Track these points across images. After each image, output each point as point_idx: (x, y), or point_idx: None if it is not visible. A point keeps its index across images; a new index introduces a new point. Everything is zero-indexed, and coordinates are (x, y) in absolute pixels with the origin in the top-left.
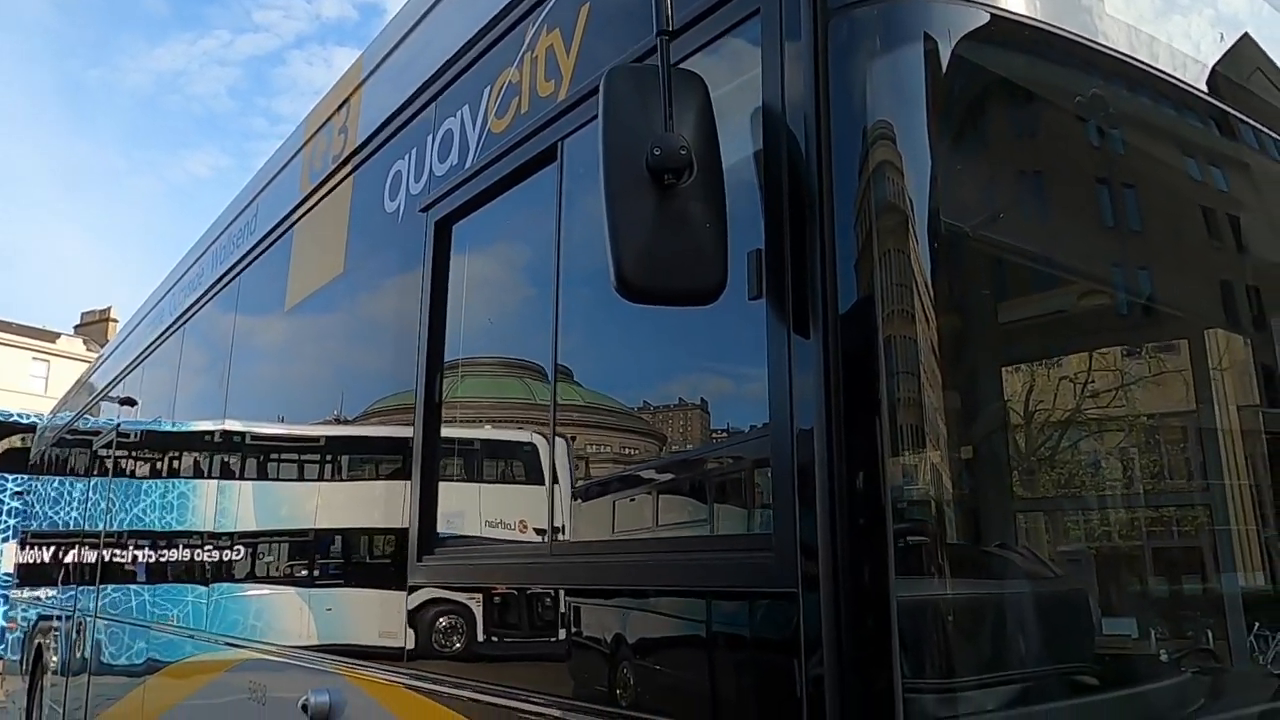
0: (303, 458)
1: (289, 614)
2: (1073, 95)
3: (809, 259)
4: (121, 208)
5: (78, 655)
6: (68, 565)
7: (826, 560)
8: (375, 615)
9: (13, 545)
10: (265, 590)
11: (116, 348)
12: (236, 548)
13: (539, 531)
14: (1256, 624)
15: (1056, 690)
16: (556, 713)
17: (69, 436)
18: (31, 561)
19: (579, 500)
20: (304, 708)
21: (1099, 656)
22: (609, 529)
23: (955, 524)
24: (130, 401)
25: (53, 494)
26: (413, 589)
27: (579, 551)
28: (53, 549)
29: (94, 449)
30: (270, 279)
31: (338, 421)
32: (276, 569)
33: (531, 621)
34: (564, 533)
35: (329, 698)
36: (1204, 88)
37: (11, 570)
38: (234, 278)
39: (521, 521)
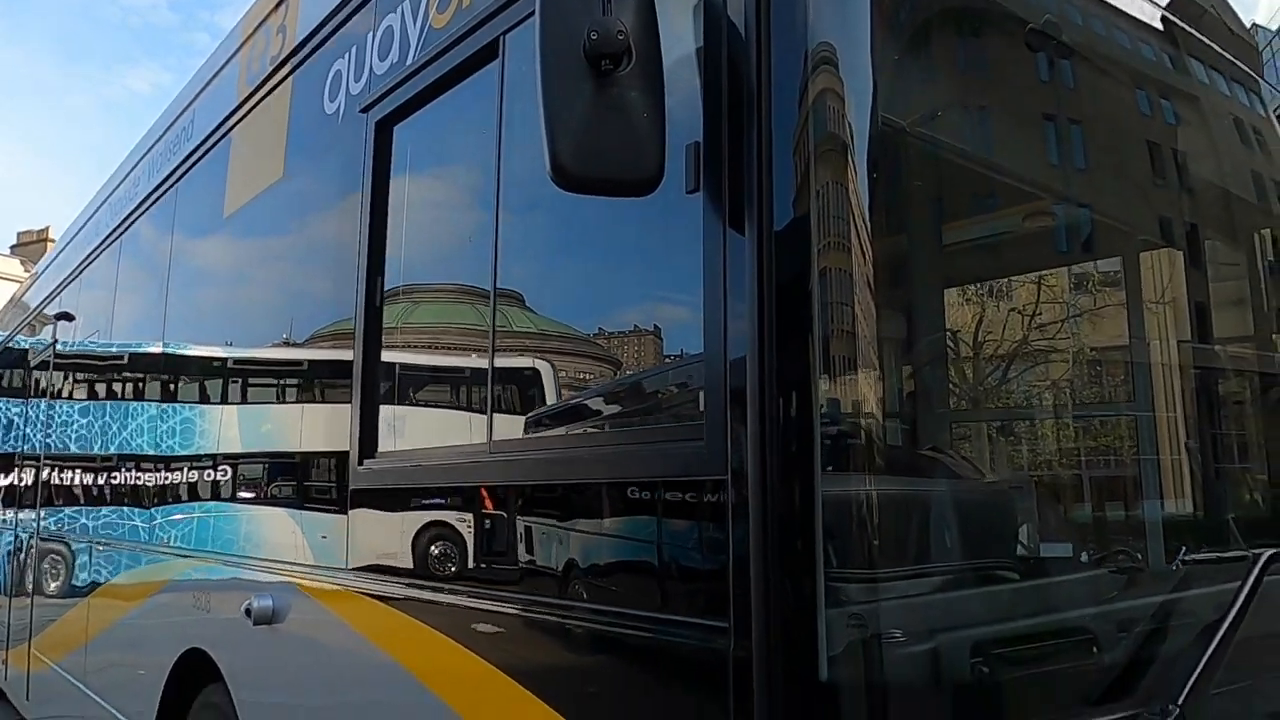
0: (244, 368)
1: (231, 526)
2: (1027, 13)
3: (745, 154)
4: (58, 125)
5: (20, 574)
6: (6, 486)
7: (755, 451)
8: (316, 520)
9: None
10: (207, 504)
11: (51, 263)
12: (179, 464)
13: (479, 434)
14: (1184, 549)
15: (976, 581)
16: (500, 606)
17: (3, 355)
18: None
19: (521, 404)
20: (247, 612)
21: (1021, 557)
22: (548, 427)
23: (883, 420)
24: (67, 317)
25: None
26: (355, 493)
27: (519, 449)
28: None
29: (30, 368)
30: (208, 187)
31: (279, 329)
32: (218, 482)
33: (473, 518)
34: (504, 433)
35: (272, 601)
36: (1158, 11)
37: None
38: (171, 186)
39: (461, 428)
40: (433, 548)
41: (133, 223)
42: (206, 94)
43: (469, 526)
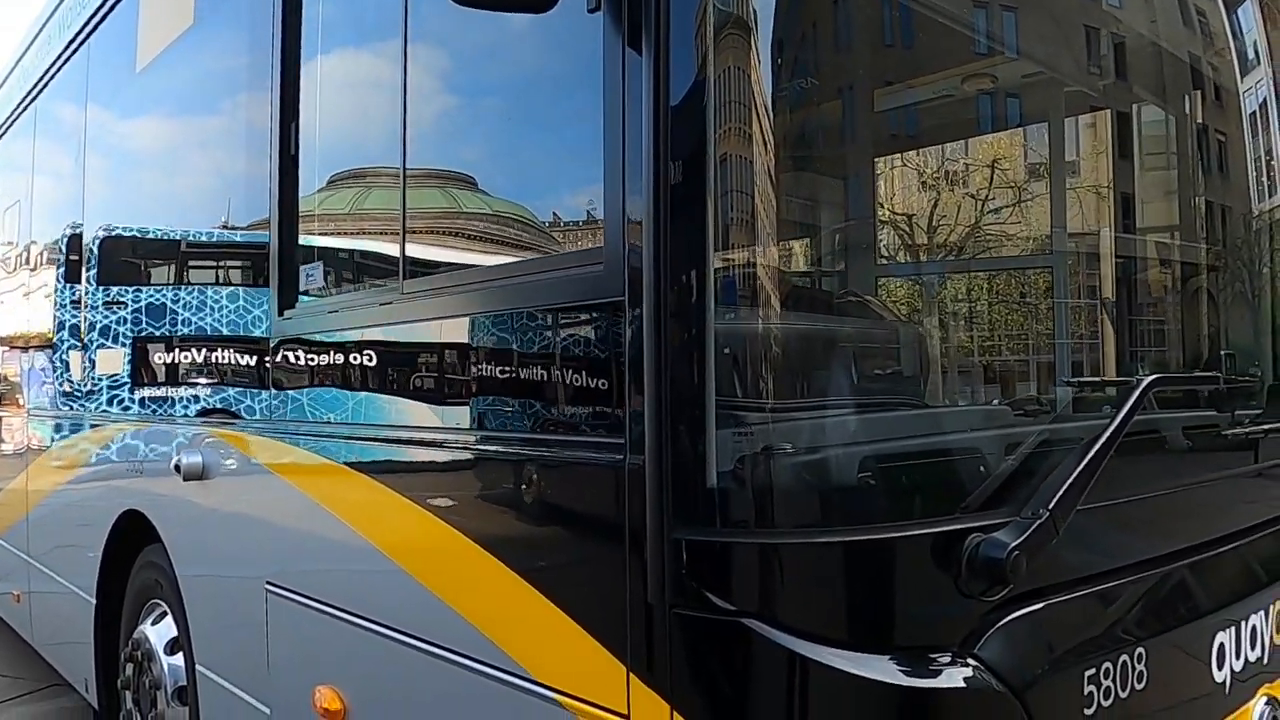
0: (162, 232)
1: (159, 388)
2: None
3: None
4: None
5: None
6: None
7: (650, 273)
8: (242, 375)
9: None
10: (137, 370)
11: None
12: (104, 331)
13: (392, 275)
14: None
15: (867, 408)
16: (414, 447)
17: None
18: None
19: (431, 244)
20: (176, 468)
21: (913, 390)
22: (456, 266)
23: (781, 247)
24: None
25: None
26: (276, 344)
27: (429, 287)
28: None
29: None
30: (119, 39)
31: (193, 184)
32: (143, 347)
33: (388, 358)
34: (414, 275)
35: (201, 457)
36: None
37: None
38: (83, 42)
39: (378, 274)
40: (353, 392)
41: (44, 86)
42: None
43: (383, 365)
